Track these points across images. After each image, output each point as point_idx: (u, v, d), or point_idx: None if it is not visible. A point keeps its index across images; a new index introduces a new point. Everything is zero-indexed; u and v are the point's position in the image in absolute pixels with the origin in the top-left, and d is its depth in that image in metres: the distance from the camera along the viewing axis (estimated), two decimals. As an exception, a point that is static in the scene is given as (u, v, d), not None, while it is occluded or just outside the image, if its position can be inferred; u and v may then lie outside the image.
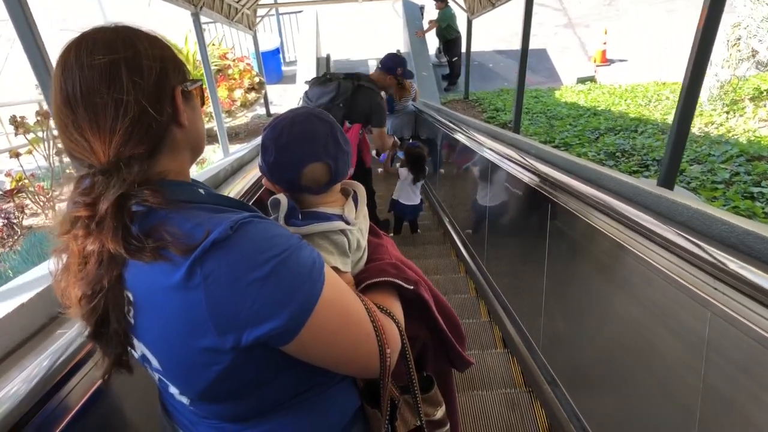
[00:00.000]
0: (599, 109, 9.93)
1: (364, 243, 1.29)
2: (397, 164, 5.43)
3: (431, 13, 13.35)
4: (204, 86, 1.06)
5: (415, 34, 13.34)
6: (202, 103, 1.04)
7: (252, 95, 10.85)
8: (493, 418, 2.65)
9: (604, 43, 14.02)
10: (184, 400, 0.96)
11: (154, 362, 0.91)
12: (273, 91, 14.00)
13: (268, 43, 14.20)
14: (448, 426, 1.33)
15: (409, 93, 7.33)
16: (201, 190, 0.95)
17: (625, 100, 10.44)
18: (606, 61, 14.11)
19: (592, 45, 14.82)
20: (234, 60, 10.85)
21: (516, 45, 15.69)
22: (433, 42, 13.93)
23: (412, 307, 1.27)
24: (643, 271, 1.64)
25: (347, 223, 1.20)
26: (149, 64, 0.87)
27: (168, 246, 0.80)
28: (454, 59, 13.22)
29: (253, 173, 3.29)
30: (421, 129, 7.59)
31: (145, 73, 0.86)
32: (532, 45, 15.63)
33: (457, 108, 11.71)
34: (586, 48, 14.94)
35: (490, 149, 3.52)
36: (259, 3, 10.96)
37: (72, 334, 1.27)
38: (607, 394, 2.03)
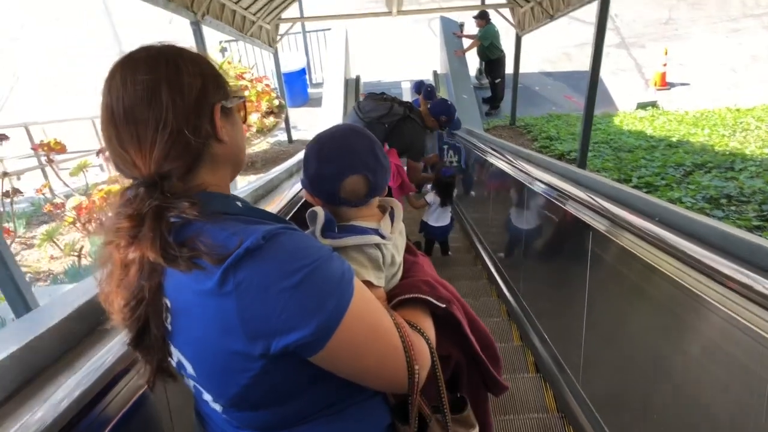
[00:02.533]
0: (673, 140, 8.46)
1: (399, 259, 1.30)
2: (426, 193, 5.38)
3: (471, 30, 12.06)
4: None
5: (454, 53, 11.97)
6: (244, 120, 1.07)
7: (270, 120, 9.62)
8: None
9: (665, 65, 12.63)
10: (218, 407, 0.99)
11: (189, 368, 0.95)
12: (298, 114, 12.90)
13: (293, 63, 13.04)
14: None
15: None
16: (238, 203, 0.99)
17: (702, 129, 8.97)
18: (666, 85, 12.71)
19: (649, 67, 13.42)
20: (252, 80, 9.64)
21: (564, 66, 14.79)
22: (473, 62, 12.62)
23: (445, 326, 1.27)
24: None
25: (382, 237, 1.21)
26: (190, 81, 0.91)
27: (202, 255, 0.83)
28: (497, 81, 11.84)
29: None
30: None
31: (185, 91, 0.91)
32: (582, 66, 14.47)
33: (503, 135, 10.38)
34: (643, 70, 13.50)
35: (554, 188, 2.96)
36: (282, 17, 9.77)
37: (115, 343, 1.28)
38: (644, 418, 1.98)
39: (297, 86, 13.18)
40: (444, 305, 1.23)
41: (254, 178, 6.94)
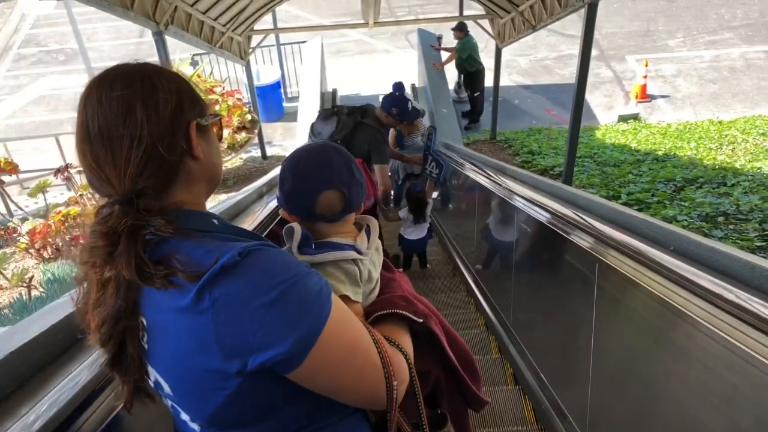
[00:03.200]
0: (660, 153, 8.23)
1: (376, 275, 1.31)
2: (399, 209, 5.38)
3: (450, 43, 11.79)
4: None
5: (432, 66, 11.69)
6: (220, 137, 1.08)
7: (242, 135, 9.21)
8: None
9: (645, 77, 12.45)
10: (196, 427, 0.98)
11: (166, 387, 0.95)
12: (273, 129, 12.50)
13: (267, 77, 12.62)
14: None
15: (418, 129, 6.97)
16: (214, 220, 0.99)
17: (687, 143, 8.75)
18: (646, 97, 12.57)
19: (629, 79, 13.29)
20: (223, 95, 9.23)
21: (543, 79, 14.57)
22: (452, 75, 12.35)
23: (424, 342, 1.29)
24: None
25: (359, 252, 1.22)
26: (165, 99, 0.91)
27: (177, 273, 0.83)
28: (476, 94, 11.56)
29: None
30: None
31: (161, 108, 0.91)
32: (561, 79, 14.32)
33: (484, 150, 10.08)
34: (623, 83, 13.35)
35: (535, 204, 2.84)
36: (254, 29, 9.40)
37: (89, 362, 1.25)
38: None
39: (271, 100, 12.74)
40: (421, 320, 1.25)
41: (224, 196, 6.55)
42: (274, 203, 3.06)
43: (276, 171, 4.18)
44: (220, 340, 0.82)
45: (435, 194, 5.46)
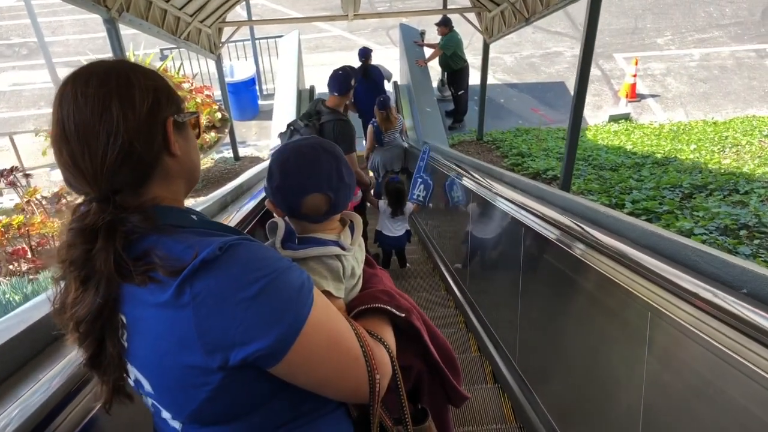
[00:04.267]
0: (658, 156, 7.74)
1: (359, 271, 1.32)
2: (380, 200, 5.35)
3: (433, 39, 11.24)
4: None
5: (416, 62, 11.10)
6: (198, 135, 1.07)
7: (211, 135, 8.54)
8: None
9: (634, 76, 12.02)
10: (177, 425, 0.97)
11: (146, 385, 0.94)
12: (247, 128, 11.85)
13: (242, 73, 11.95)
14: None
15: (395, 124, 6.80)
16: (193, 216, 0.99)
17: (687, 145, 8.27)
18: (635, 97, 12.11)
19: (617, 78, 12.88)
20: (191, 91, 8.54)
21: (529, 77, 14.05)
22: (436, 72, 11.79)
23: (405, 337, 1.29)
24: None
25: (342, 248, 1.22)
26: (141, 95, 0.91)
27: (157, 269, 0.82)
28: (460, 93, 11.03)
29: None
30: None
31: (137, 105, 0.90)
32: (548, 77, 13.85)
33: (471, 151, 9.56)
34: (611, 81, 12.91)
35: (533, 214, 2.59)
36: (226, 20, 8.74)
37: (65, 362, 1.22)
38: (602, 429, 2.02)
39: (246, 98, 12.05)
40: (403, 314, 1.25)
41: (191, 201, 5.94)
42: (247, 208, 2.98)
43: (247, 174, 3.92)
44: (201, 334, 0.81)
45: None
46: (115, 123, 0.86)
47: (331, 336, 0.93)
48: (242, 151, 10.60)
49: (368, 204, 5.38)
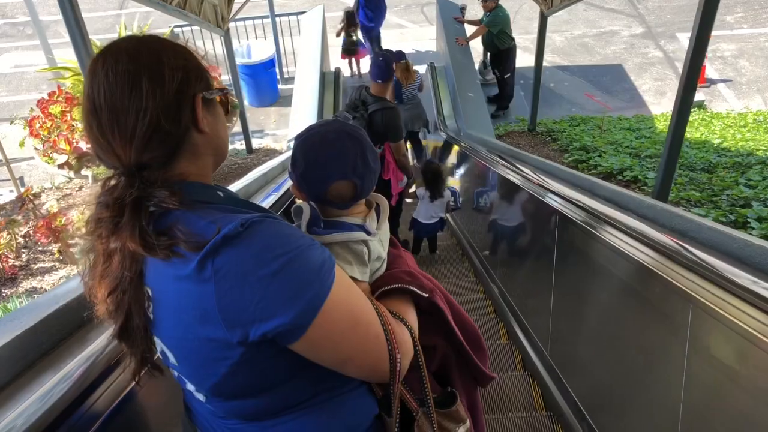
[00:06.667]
0: (760, 154, 6.28)
1: (384, 254, 1.31)
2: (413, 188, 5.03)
3: (475, 14, 9.85)
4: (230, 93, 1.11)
5: (456, 41, 9.71)
6: (227, 111, 1.08)
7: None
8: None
9: (706, 58, 10.44)
10: (201, 397, 1.00)
11: (171, 358, 0.96)
12: (266, 115, 10.64)
13: (260, 54, 10.71)
14: None
15: (414, 79, 5.94)
16: (220, 192, 1.00)
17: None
18: (704, 82, 10.54)
19: (681, 60, 11.31)
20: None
21: (581, 59, 12.57)
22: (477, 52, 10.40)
23: (429, 317, 1.29)
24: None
25: (368, 233, 1.23)
26: (171, 73, 0.92)
27: (180, 243, 0.84)
28: (506, 76, 9.64)
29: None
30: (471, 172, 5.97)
31: (166, 81, 0.91)
32: (603, 60, 12.34)
33: (522, 144, 8.21)
34: (675, 64, 11.38)
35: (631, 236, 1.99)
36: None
37: (102, 339, 1.27)
38: (633, 418, 2.01)
39: (264, 81, 10.83)
40: (426, 294, 1.24)
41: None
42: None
43: (257, 172, 3.81)
44: (222, 309, 0.82)
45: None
46: (145, 99, 0.87)
47: (352, 314, 0.93)
48: (258, 142, 9.38)
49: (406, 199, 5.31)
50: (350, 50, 10.58)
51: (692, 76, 4.21)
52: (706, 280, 1.49)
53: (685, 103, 4.28)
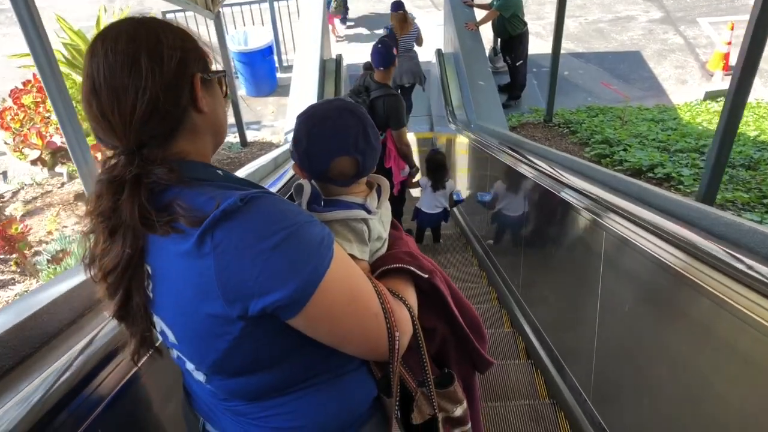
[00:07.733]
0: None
1: (385, 235, 1.31)
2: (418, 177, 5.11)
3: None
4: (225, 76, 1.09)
5: (465, 26, 9.07)
6: (225, 93, 1.08)
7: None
8: (516, 429, 2.61)
9: (729, 44, 9.83)
10: (201, 377, 0.99)
11: (171, 336, 0.96)
12: (263, 106, 10.11)
13: (257, 40, 10.14)
14: (469, 426, 1.30)
15: (411, 28, 6.17)
16: (219, 171, 1.00)
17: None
18: (728, 69, 9.89)
19: (703, 47, 10.72)
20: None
21: (596, 45, 11.98)
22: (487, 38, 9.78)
23: (429, 298, 1.29)
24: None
25: (368, 212, 1.22)
26: (169, 52, 0.91)
27: (179, 219, 0.83)
28: (518, 63, 9.04)
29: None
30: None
31: (165, 61, 0.90)
32: (620, 46, 11.67)
33: (537, 136, 7.63)
34: (697, 50, 10.75)
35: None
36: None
37: (107, 325, 1.30)
38: (635, 406, 2.01)
39: (262, 69, 10.28)
40: (426, 275, 1.24)
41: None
42: None
43: (253, 165, 3.68)
44: (222, 284, 0.81)
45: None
46: (144, 78, 0.87)
47: (351, 291, 0.93)
48: (254, 135, 8.81)
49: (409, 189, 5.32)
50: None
51: (750, 62, 3.63)
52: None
53: (740, 93, 3.69)
